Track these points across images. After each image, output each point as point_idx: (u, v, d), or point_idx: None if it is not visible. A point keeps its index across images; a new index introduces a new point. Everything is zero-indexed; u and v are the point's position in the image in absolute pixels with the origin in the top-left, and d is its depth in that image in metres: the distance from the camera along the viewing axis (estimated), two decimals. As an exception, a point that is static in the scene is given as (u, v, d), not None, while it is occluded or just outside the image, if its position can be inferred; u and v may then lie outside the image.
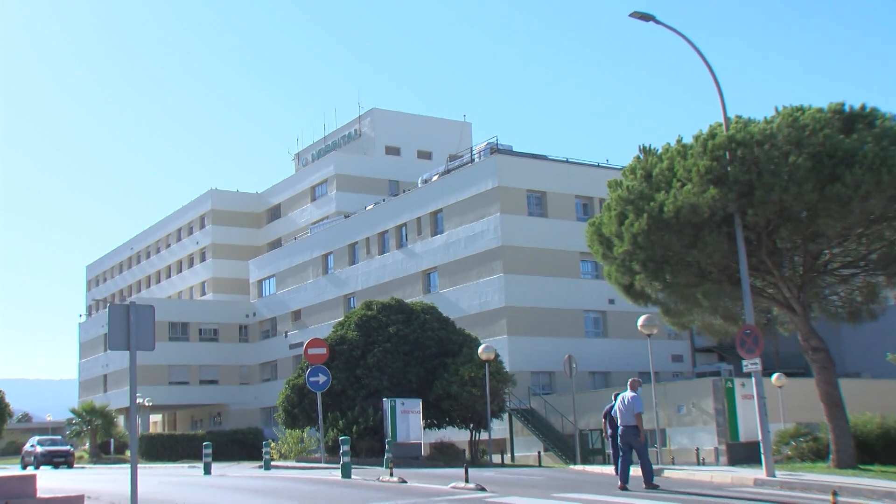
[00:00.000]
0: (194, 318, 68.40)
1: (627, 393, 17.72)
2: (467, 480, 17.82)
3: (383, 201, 58.51)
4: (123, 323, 13.32)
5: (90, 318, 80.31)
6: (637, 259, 22.57)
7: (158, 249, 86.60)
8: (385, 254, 54.71)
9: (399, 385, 35.74)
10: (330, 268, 60.02)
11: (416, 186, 55.46)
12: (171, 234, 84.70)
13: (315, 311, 60.67)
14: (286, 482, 20.71)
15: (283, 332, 64.48)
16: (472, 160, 51.70)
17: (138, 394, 29.22)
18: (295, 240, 66.71)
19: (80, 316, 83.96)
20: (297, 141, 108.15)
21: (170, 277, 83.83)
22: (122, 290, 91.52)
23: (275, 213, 76.68)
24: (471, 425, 36.93)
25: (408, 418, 33.28)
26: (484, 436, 37.35)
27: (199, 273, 79.11)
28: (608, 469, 22.90)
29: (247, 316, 69.19)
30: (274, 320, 66.24)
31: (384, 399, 33.67)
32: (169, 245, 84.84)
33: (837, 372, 23.67)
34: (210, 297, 76.09)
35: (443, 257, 50.01)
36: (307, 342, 33.99)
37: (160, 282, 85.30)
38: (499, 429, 42.30)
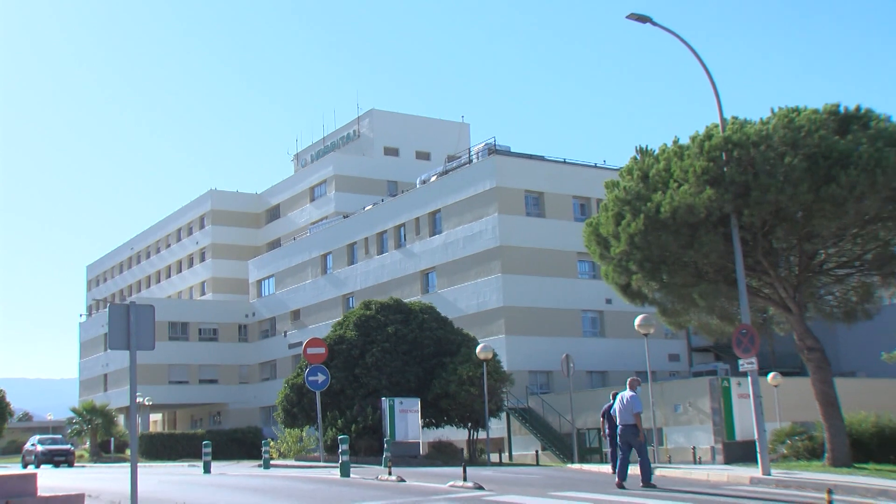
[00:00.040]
0: (194, 318, 68.53)
1: (626, 392, 17.75)
2: (465, 479, 17.90)
3: (382, 202, 58.59)
4: (123, 323, 13.38)
5: (90, 317, 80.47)
6: (634, 259, 22.68)
7: (158, 249, 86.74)
8: (384, 254, 54.82)
9: (397, 384, 35.85)
10: (329, 268, 60.12)
11: (415, 187, 55.57)
12: (170, 234, 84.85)
13: (314, 310, 60.79)
14: (285, 481, 20.82)
15: (282, 331, 64.60)
16: (470, 161, 51.81)
17: (138, 393, 29.39)
18: (294, 240, 66.80)
19: (80, 315, 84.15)
20: (297, 142, 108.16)
21: (170, 277, 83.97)
22: (122, 290, 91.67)
23: (274, 213, 76.81)
24: (469, 424, 37.08)
25: (406, 417, 33.36)
26: (482, 435, 37.46)
27: (198, 273, 79.25)
28: (605, 468, 23.02)
29: (246, 316, 69.30)
30: (273, 320, 66.35)
31: (383, 398, 33.73)
32: (169, 245, 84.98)
33: (833, 371, 23.81)
34: (210, 297, 76.24)
35: (441, 257, 50.12)
36: (306, 342, 34.06)
37: (160, 282, 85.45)
38: (497, 428, 42.44)
